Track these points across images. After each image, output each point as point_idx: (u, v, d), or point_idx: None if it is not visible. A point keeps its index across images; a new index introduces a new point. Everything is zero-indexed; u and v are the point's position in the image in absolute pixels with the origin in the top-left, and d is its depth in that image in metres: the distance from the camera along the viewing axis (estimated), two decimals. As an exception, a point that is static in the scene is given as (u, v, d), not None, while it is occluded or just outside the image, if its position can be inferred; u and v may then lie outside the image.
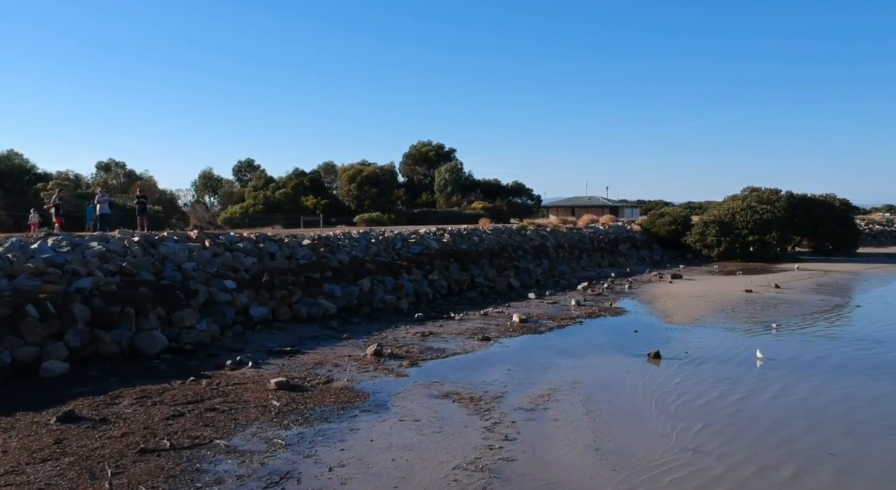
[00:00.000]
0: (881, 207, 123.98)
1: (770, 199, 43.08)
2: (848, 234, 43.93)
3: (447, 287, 24.03)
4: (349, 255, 22.44)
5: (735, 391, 11.34)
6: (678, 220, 43.23)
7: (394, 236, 26.07)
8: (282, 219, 45.32)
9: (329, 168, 64.69)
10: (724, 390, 11.38)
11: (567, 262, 33.06)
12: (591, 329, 17.77)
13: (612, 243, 39.16)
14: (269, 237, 21.39)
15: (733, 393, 11.23)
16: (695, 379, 12.19)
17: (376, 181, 53.58)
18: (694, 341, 15.83)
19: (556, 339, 16.36)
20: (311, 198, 52.81)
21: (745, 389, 11.44)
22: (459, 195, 63.30)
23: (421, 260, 24.73)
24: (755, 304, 22.02)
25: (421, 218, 52.64)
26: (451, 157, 67.99)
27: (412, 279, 23.03)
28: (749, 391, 11.34)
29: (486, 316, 19.72)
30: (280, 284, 18.64)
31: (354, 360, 13.65)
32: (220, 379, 11.95)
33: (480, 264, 27.27)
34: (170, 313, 15.02)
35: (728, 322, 18.59)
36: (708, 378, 12.24)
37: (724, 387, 11.60)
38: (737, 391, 11.34)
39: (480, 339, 16.04)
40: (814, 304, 21.82)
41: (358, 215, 48.70)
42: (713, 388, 11.49)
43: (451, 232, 29.32)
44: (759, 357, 13.61)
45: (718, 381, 11.96)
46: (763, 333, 16.97)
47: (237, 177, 63.08)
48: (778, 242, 39.32)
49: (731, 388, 11.49)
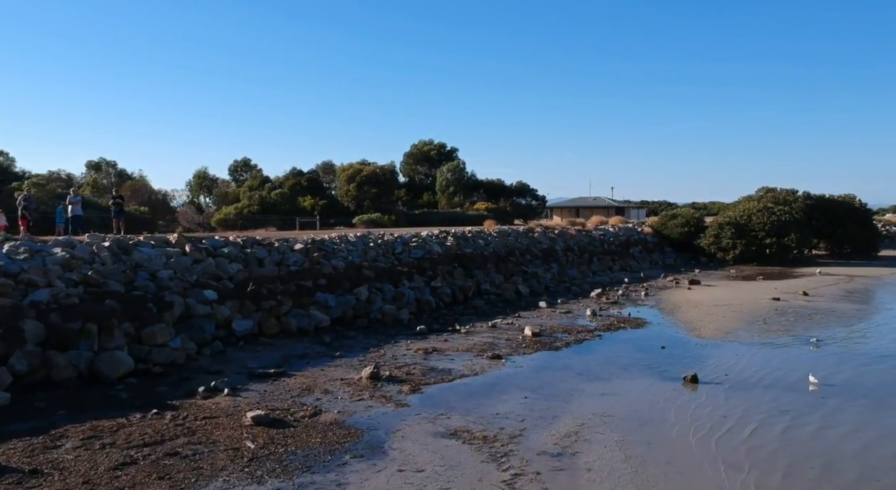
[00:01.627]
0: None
1: (787, 199, 41.31)
2: (868, 236, 42.13)
3: (451, 295, 22.25)
4: (345, 261, 20.68)
5: (799, 428, 9.56)
6: (691, 221, 41.43)
7: (394, 240, 24.31)
8: (277, 220, 43.59)
9: (328, 167, 62.83)
10: (785, 427, 9.60)
11: (577, 267, 31.27)
12: (611, 344, 15.99)
13: (622, 246, 37.38)
14: (258, 241, 19.62)
15: (797, 430, 9.46)
16: (744, 410, 10.41)
17: (376, 181, 51.77)
18: (730, 360, 14.05)
19: (575, 356, 14.59)
20: (308, 198, 51.00)
21: (810, 426, 9.66)
22: (462, 196, 61.47)
23: (423, 265, 22.97)
24: (786, 314, 20.23)
25: (422, 219, 50.86)
26: (454, 157, 66.14)
27: (413, 287, 21.26)
28: (816, 428, 9.56)
29: (495, 328, 17.96)
30: (268, 294, 16.87)
31: (347, 385, 11.88)
32: (188, 411, 10.18)
33: (486, 270, 25.50)
34: (139, 329, 13.26)
35: (762, 336, 16.81)
36: (759, 409, 10.46)
37: (783, 421, 9.82)
38: (800, 428, 9.57)
39: (490, 357, 14.27)
40: (849, 315, 20.04)
41: (357, 216, 46.91)
42: (770, 424, 9.72)
43: (454, 235, 27.56)
44: (813, 382, 11.82)
45: (774, 414, 10.17)
46: (803, 349, 15.21)
47: (233, 177, 61.26)
48: (797, 245, 37.51)
49: (794, 424, 9.70)
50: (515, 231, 32.20)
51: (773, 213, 38.40)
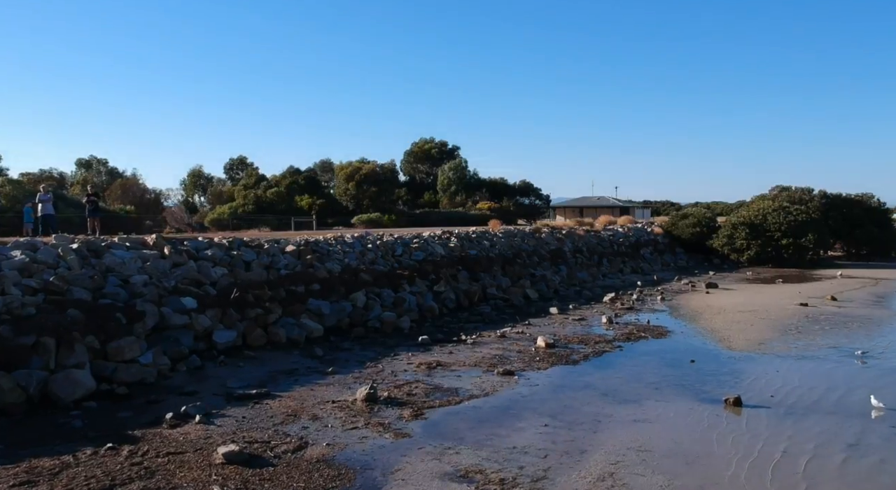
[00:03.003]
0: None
1: (803, 198, 39.75)
2: (887, 237, 40.54)
3: (455, 300, 20.70)
4: (341, 264, 19.12)
5: (878, 467, 7.99)
6: (703, 221, 39.86)
7: (393, 241, 22.75)
8: (273, 220, 42.05)
9: (326, 166, 61.24)
10: (862, 466, 8.02)
11: (587, 269, 29.71)
12: (634, 357, 14.43)
13: (633, 247, 35.82)
14: (245, 242, 18.06)
15: (878, 472, 7.88)
16: (803, 443, 8.85)
17: (376, 180, 50.24)
18: (771, 377, 12.49)
19: (596, 372, 13.02)
20: (305, 197, 49.46)
21: (892, 466, 8.08)
22: (464, 195, 59.93)
23: (425, 268, 21.42)
24: (819, 321, 18.67)
25: (423, 219, 49.34)
26: (455, 155, 64.62)
27: (415, 292, 19.71)
28: (899, 470, 7.99)
29: (504, 338, 16.40)
30: (254, 301, 15.32)
31: (340, 409, 10.32)
32: (150, 444, 8.62)
33: (492, 272, 23.94)
34: (105, 343, 11.72)
35: (799, 348, 15.24)
36: (822, 442, 8.89)
37: (857, 459, 8.24)
38: (880, 468, 7.99)
39: (501, 373, 12.71)
40: (889, 323, 18.47)
41: (356, 216, 45.40)
42: (840, 462, 8.15)
43: (458, 235, 26.00)
44: (877, 406, 10.26)
45: (842, 449, 8.60)
46: (849, 363, 13.64)
47: (229, 175, 59.72)
48: (814, 246, 35.93)
49: (871, 463, 8.12)
50: (522, 231, 30.66)
51: (789, 212, 36.84)
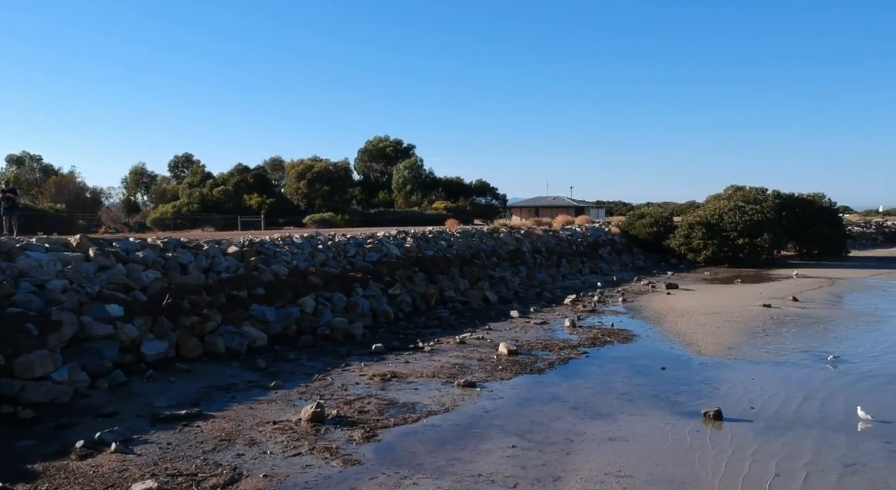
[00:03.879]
0: (862, 211, 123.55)
1: (757, 198, 39.92)
2: (839, 236, 41.07)
3: (412, 304, 19.60)
4: (288, 266, 17.83)
5: (879, 493, 7.24)
6: (660, 221, 39.67)
7: (346, 241, 21.53)
8: (220, 220, 40.19)
9: (276, 164, 59.21)
10: None
11: (546, 270, 28.96)
12: (602, 364, 13.59)
13: (591, 247, 35.30)
14: (182, 243, 16.62)
15: (880, 498, 7.13)
16: (795, 463, 8.07)
17: (329, 178, 48.62)
18: (747, 385, 11.78)
19: (564, 382, 12.11)
20: (254, 196, 47.57)
21: None
22: (420, 194, 58.78)
23: (379, 270, 20.25)
24: (784, 323, 18.22)
25: (378, 218, 48.05)
26: (411, 154, 63.40)
27: (368, 295, 18.54)
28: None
29: (464, 344, 15.40)
30: (190, 307, 13.95)
31: (281, 432, 9.13)
32: (50, 481, 7.31)
33: (450, 274, 22.92)
34: (11, 358, 10.25)
35: (770, 352, 14.65)
36: (812, 460, 8.13)
37: (853, 481, 7.47)
38: None
39: (462, 384, 11.69)
40: (852, 324, 18.13)
41: (308, 216, 43.81)
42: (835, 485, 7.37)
43: (414, 235, 24.92)
44: (864, 418, 9.58)
45: (839, 470, 7.84)
46: (823, 369, 13.07)
47: (174, 173, 57.22)
48: (770, 246, 36.03)
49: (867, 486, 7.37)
50: (480, 231, 29.75)
51: (744, 212, 36.89)
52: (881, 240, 56.17)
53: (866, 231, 56.60)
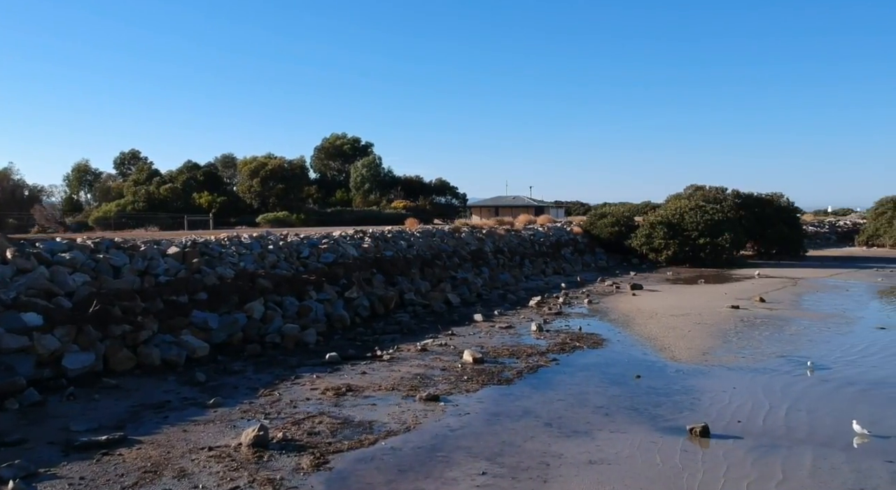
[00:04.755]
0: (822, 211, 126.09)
1: (717, 198, 39.86)
2: (797, 236, 41.31)
3: (370, 308, 18.46)
4: (235, 268, 16.51)
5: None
6: (621, 220, 39.25)
7: (299, 241, 20.25)
8: (167, 219, 38.26)
9: (228, 161, 57.01)
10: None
11: (509, 271, 28.11)
12: (574, 373, 12.70)
13: (554, 247, 34.61)
14: (116, 244, 15.17)
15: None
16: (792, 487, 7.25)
17: (283, 176, 46.93)
18: (728, 396, 11.02)
19: (535, 394, 11.17)
20: (205, 195, 45.60)
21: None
22: (378, 193, 57.44)
23: (335, 272, 19.05)
24: (755, 326, 17.68)
25: (335, 218, 46.58)
26: (369, 152, 61.99)
27: (323, 299, 17.34)
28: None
29: (426, 352, 14.36)
30: (122, 315, 12.59)
31: (218, 460, 7.94)
32: (-73, 534, 6.00)
33: (410, 276, 21.84)
34: None
35: (746, 357, 13.99)
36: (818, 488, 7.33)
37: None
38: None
39: (425, 398, 10.65)
40: (823, 326, 17.68)
41: (261, 215, 42.14)
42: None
43: (372, 235, 23.76)
44: (860, 432, 8.86)
45: (845, 495, 7.05)
46: (803, 376, 12.44)
47: (119, 171, 54.62)
48: (731, 245, 35.92)
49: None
50: (441, 231, 28.72)
51: (705, 211, 36.73)
52: (834, 239, 57.13)
53: (820, 231, 57.51)
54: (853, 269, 34.06)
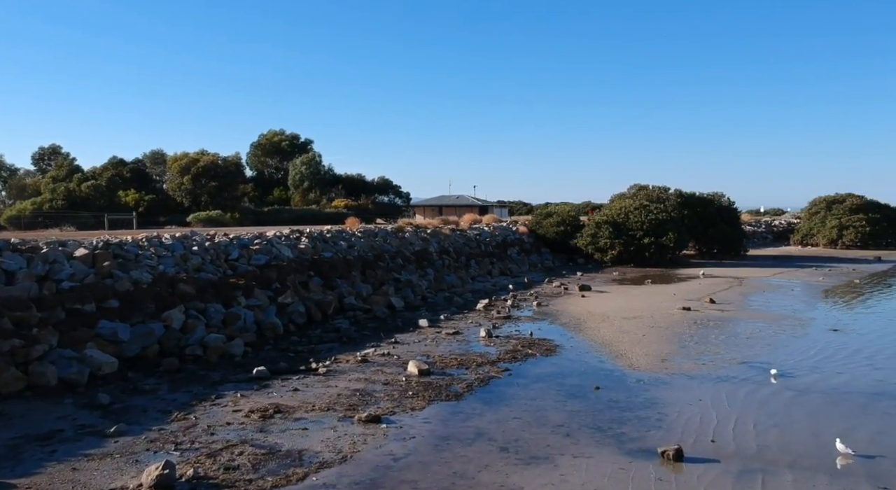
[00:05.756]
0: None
1: (660, 197, 39.77)
2: (738, 235, 41.68)
3: (306, 314, 17.05)
4: (153, 272, 14.86)
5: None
6: (567, 220, 38.74)
7: (228, 242, 18.64)
8: (89, 218, 35.68)
9: (158, 157, 54.00)
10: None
11: (455, 272, 27.04)
12: (528, 385, 11.68)
13: (500, 247, 33.74)
14: (13, 245, 13.36)
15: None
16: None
17: (217, 173, 44.63)
18: (697, 410, 10.19)
19: (487, 411, 10.07)
20: (132, 193, 42.95)
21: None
22: (318, 191, 55.54)
23: (267, 275, 17.56)
24: (709, 328, 17.10)
25: (272, 217, 44.62)
26: (308, 149, 59.96)
27: (253, 305, 15.86)
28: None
29: (367, 363, 13.11)
30: (13, 327, 10.89)
31: (110, 509, 6.53)
32: None
33: (351, 278, 20.49)
34: None
35: (707, 364, 13.25)
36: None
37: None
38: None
39: (364, 419, 9.42)
40: (778, 329, 17.24)
41: (193, 214, 39.87)
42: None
43: (310, 235, 22.29)
44: (844, 452, 8.09)
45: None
46: (767, 384, 11.78)
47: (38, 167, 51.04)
48: (675, 245, 35.83)
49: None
50: (384, 231, 27.41)
51: (649, 211, 36.54)
52: (771, 238, 58.37)
53: (757, 230, 58.65)
54: (793, 269, 34.41)
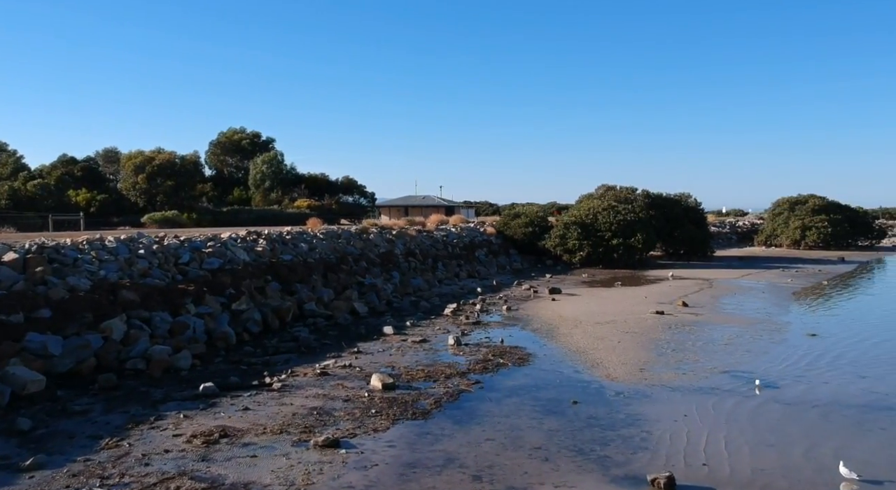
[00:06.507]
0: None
1: (628, 198, 39.44)
2: (704, 236, 41.60)
3: (262, 322, 15.96)
4: (92, 278, 13.64)
5: None
6: (535, 221, 38.16)
7: (178, 245, 17.43)
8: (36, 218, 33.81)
9: (112, 156, 51.93)
10: None
11: (421, 275, 26.11)
12: (501, 399, 10.84)
13: (467, 249, 32.92)
14: (-71, 249, 12.03)
15: None
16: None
17: (173, 172, 42.94)
18: (683, 427, 9.46)
19: (458, 432, 9.18)
20: (83, 192, 41.04)
21: None
22: (280, 191, 54.05)
23: (221, 280, 16.42)
24: (686, 335, 16.49)
25: (232, 217, 43.09)
26: (270, 148, 58.39)
27: (204, 313, 14.73)
28: None
29: (326, 376, 12.13)
30: (-78, 343, 9.61)
31: (10, 568, 5.45)
32: None
33: (312, 283, 19.42)
34: None
35: (688, 374, 12.58)
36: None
37: None
38: None
39: (321, 444, 8.45)
40: (755, 334, 16.71)
41: (148, 214, 38.21)
42: None
43: (268, 237, 21.15)
44: (849, 477, 7.41)
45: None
46: (752, 396, 11.15)
47: (-18, 165, 48.70)
48: (644, 246, 35.48)
49: None
50: (347, 232, 26.36)
51: (618, 212, 36.15)
52: (735, 239, 58.76)
53: (722, 231, 58.99)
54: (760, 270, 34.31)
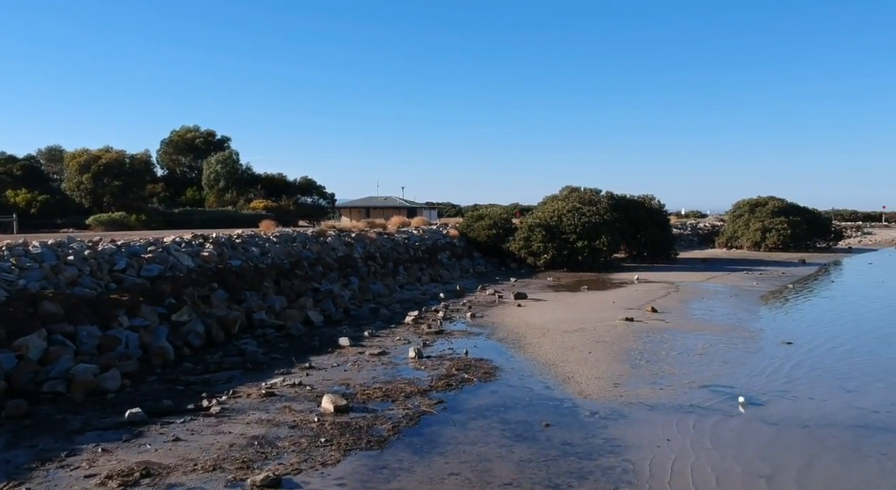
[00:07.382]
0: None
1: (593, 199, 38.87)
2: (668, 238, 41.32)
3: (205, 334, 14.64)
4: (10, 288, 12.20)
5: None
6: (499, 223, 37.30)
7: (114, 250, 15.98)
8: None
9: (55, 154, 49.35)
10: None
11: (382, 279, 24.95)
12: (466, 422, 9.82)
13: (430, 252, 31.87)
14: None
15: None
16: None
17: (121, 172, 40.89)
18: (665, 453, 8.61)
19: (417, 464, 8.13)
20: (23, 192, 38.74)
21: None
22: (235, 192, 52.18)
23: (160, 289, 15.06)
24: (659, 343, 15.74)
25: (184, 219, 41.26)
26: (225, 147, 56.42)
27: (139, 326, 13.37)
28: None
29: (272, 397, 10.96)
30: None
31: None
32: None
33: (262, 290, 18.14)
34: None
35: (665, 389, 11.76)
36: None
37: None
38: None
39: (260, 484, 7.34)
40: (730, 343, 16.05)
41: (93, 216, 36.21)
42: None
43: (216, 241, 19.78)
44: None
45: None
46: (736, 414, 10.39)
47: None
48: (609, 249, 34.94)
49: None
50: (303, 235, 25.07)
51: (582, 214, 35.51)
52: (697, 241, 58.90)
53: (683, 233, 59.07)
54: (724, 272, 34.04)
